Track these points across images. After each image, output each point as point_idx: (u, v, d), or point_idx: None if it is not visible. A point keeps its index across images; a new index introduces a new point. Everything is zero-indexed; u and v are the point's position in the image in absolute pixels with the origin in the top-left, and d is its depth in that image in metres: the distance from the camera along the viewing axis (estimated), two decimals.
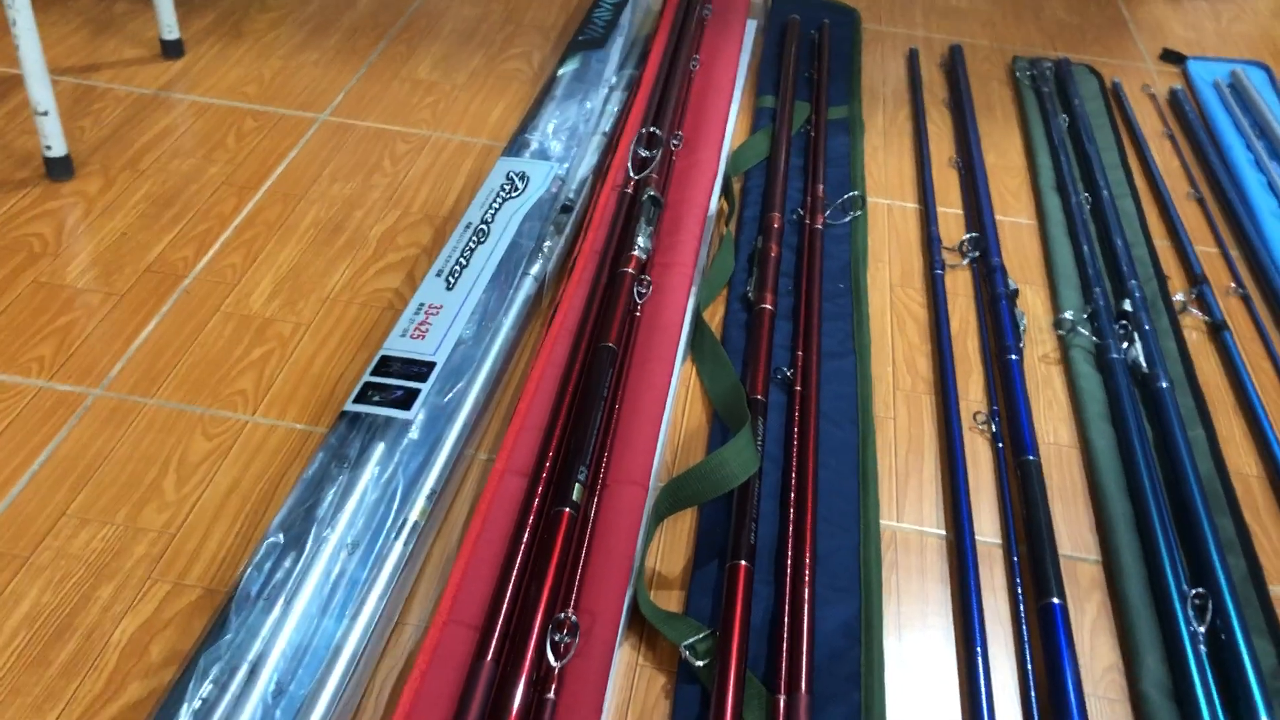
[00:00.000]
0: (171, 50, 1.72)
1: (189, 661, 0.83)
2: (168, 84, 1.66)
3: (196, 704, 0.80)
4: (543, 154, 1.49)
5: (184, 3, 1.85)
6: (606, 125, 1.59)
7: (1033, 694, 0.91)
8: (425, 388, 1.06)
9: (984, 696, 0.90)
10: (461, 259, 1.24)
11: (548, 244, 1.30)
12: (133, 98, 1.61)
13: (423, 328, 1.14)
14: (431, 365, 1.09)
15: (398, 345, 1.12)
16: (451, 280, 1.21)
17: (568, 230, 1.36)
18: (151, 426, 1.08)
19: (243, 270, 1.29)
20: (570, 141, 1.53)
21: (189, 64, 1.72)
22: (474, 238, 1.28)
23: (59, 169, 1.41)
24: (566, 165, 1.47)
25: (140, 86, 1.64)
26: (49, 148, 1.39)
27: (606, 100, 1.65)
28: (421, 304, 1.18)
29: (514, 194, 1.36)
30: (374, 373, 1.08)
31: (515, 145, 1.52)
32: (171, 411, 1.10)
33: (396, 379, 1.07)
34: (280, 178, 1.47)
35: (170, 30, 1.71)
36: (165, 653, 0.87)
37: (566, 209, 1.39)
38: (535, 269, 1.26)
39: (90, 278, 1.26)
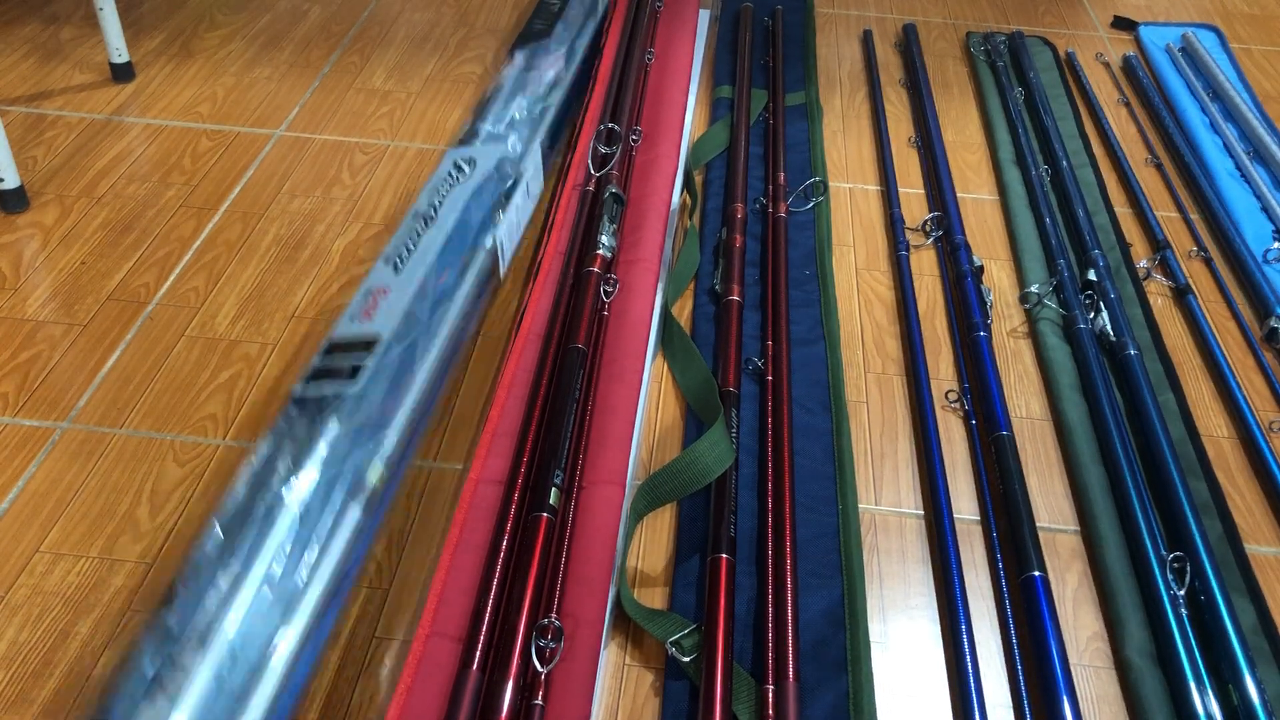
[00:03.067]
0: (121, 74, 1.71)
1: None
2: (120, 108, 1.64)
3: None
4: (491, 139, 1.47)
5: (132, 25, 1.84)
6: (556, 99, 1.57)
7: (1019, 667, 0.92)
8: (373, 359, 1.00)
9: (971, 673, 0.90)
10: (409, 244, 1.20)
11: (501, 213, 1.27)
12: (85, 124, 1.59)
13: (371, 311, 1.10)
14: (379, 337, 1.04)
15: (345, 330, 1.06)
16: (399, 264, 1.17)
17: (524, 222, 1.35)
18: (122, 456, 1.07)
19: (206, 293, 1.28)
20: (518, 124, 1.51)
21: (140, 86, 1.70)
22: (421, 224, 1.24)
23: (13, 201, 1.39)
24: (514, 143, 1.44)
25: (92, 112, 1.62)
26: (1, 180, 1.38)
27: (554, 85, 1.64)
28: (369, 290, 1.13)
29: (462, 179, 1.33)
30: (324, 355, 1.03)
31: (464, 137, 1.51)
32: (141, 440, 1.09)
33: (345, 355, 1.02)
34: (239, 197, 1.46)
35: (119, 53, 1.69)
36: None
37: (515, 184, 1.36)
38: (486, 239, 1.23)
39: (51, 309, 1.25)
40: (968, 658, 0.92)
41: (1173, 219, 1.54)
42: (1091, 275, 1.35)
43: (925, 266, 1.41)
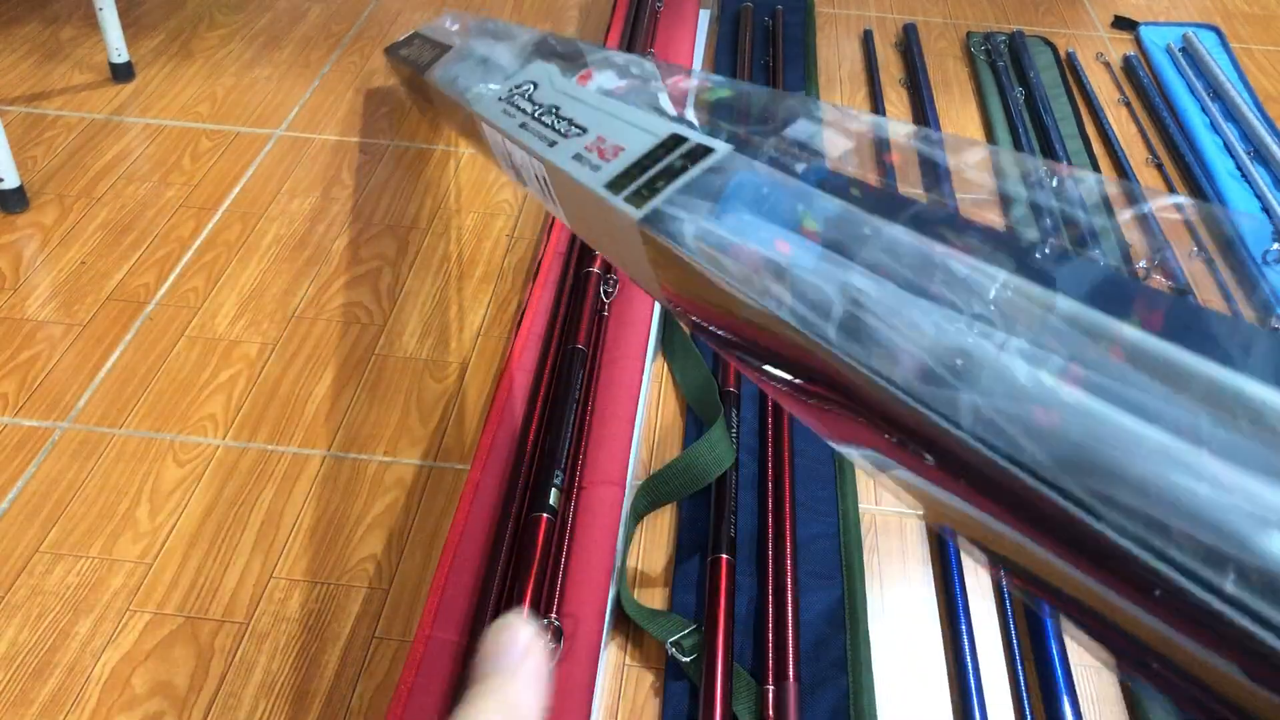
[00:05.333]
0: (121, 73, 1.70)
1: None
2: (119, 108, 1.64)
3: None
4: None
5: (132, 24, 1.84)
6: None
7: (1019, 667, 0.92)
8: None
9: (971, 673, 0.90)
10: None
11: None
12: (84, 124, 1.59)
13: None
14: None
15: None
16: None
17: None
18: (121, 456, 1.07)
19: (205, 293, 1.28)
20: None
21: (140, 86, 1.70)
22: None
23: (12, 201, 1.39)
24: None
25: (91, 112, 1.62)
26: (0, 180, 1.37)
27: None
28: None
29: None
30: None
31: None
32: (141, 440, 1.09)
33: None
34: (239, 197, 1.46)
35: (119, 53, 1.69)
36: (148, 684, 0.87)
37: None
38: None
39: (51, 309, 1.25)
40: (968, 658, 0.91)
41: (1173, 219, 1.53)
42: None
43: None
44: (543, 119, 0.51)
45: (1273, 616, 0.23)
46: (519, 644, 0.27)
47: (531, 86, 0.55)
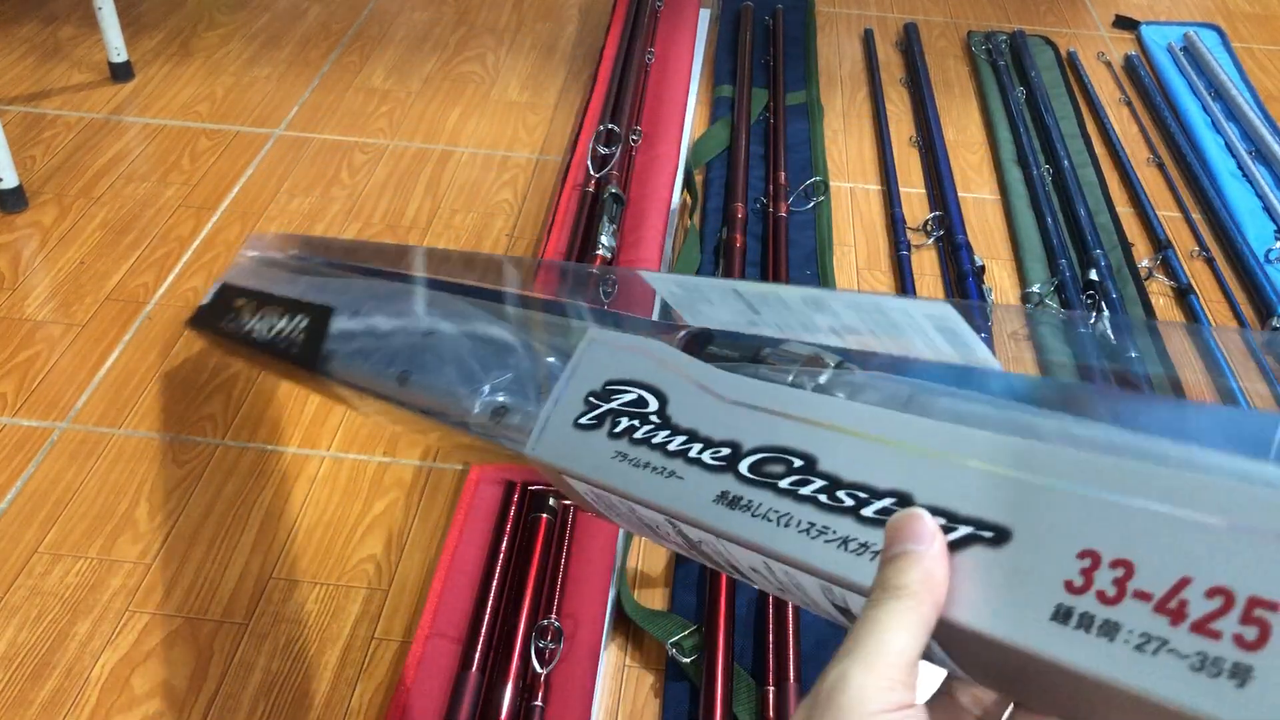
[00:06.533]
0: (120, 73, 1.70)
1: None
2: (118, 107, 1.64)
3: None
4: None
5: (131, 24, 1.83)
6: None
7: None
8: None
9: None
10: None
11: None
12: (84, 123, 1.59)
13: None
14: None
15: None
16: None
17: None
18: (121, 457, 1.06)
19: (204, 293, 1.28)
20: None
21: (139, 86, 1.70)
22: None
23: (11, 200, 1.39)
24: None
25: (90, 111, 1.62)
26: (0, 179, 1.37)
27: None
28: None
29: None
30: None
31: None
32: (140, 440, 1.08)
33: None
34: (238, 196, 1.45)
35: (118, 53, 1.69)
36: (147, 685, 0.86)
37: None
38: None
39: (50, 309, 1.24)
40: None
41: (1174, 219, 1.54)
42: (1093, 275, 1.34)
43: (926, 266, 1.40)
44: (803, 492, 0.29)
45: None
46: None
47: (650, 400, 0.33)
